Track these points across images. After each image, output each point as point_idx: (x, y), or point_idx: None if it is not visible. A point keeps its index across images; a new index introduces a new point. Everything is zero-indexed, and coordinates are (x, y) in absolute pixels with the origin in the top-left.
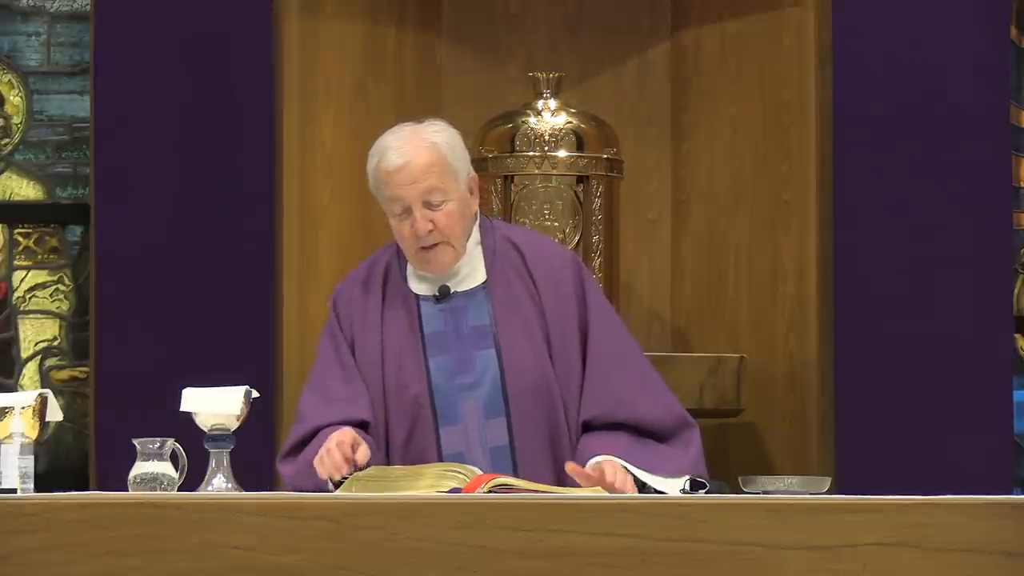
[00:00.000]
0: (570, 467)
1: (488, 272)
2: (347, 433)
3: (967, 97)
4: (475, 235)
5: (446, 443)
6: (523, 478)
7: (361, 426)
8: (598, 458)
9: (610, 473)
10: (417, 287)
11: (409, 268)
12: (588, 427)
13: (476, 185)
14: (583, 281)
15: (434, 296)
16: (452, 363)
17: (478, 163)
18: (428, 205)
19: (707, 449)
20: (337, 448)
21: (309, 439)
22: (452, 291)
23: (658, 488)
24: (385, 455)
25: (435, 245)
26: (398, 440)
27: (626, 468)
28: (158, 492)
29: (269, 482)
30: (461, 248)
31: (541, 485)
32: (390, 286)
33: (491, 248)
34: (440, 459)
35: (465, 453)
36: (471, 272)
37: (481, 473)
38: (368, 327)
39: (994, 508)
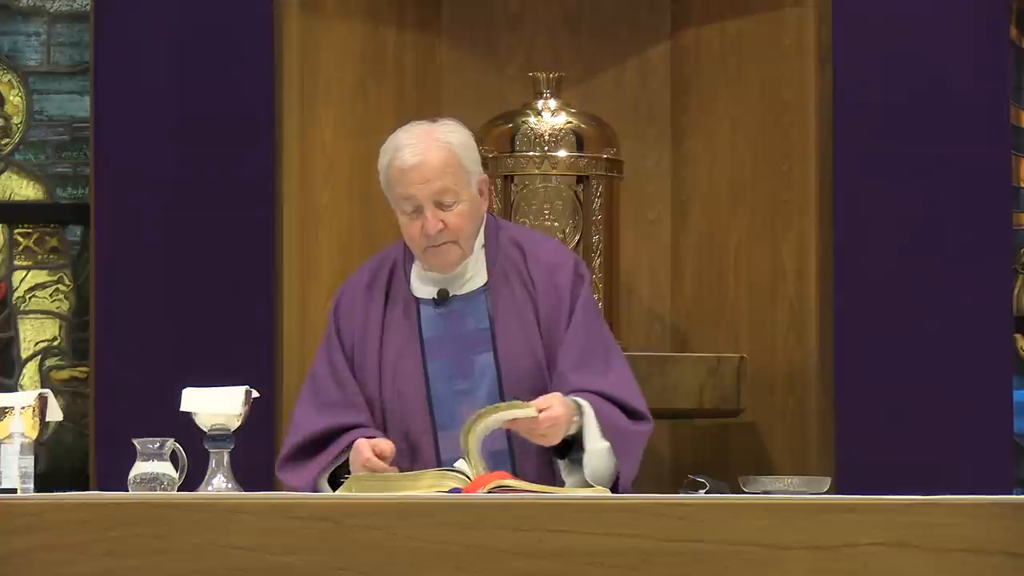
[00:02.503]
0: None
1: (490, 275)
2: (363, 445)
3: (967, 97)
4: (480, 236)
5: (444, 448)
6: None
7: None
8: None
9: (544, 401)
10: (418, 290)
11: (413, 270)
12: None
13: (487, 186)
14: (579, 283)
15: (433, 300)
16: (450, 367)
17: None
18: (440, 205)
19: (707, 449)
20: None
21: (307, 447)
22: (451, 295)
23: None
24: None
25: (443, 244)
26: (398, 446)
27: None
28: (158, 492)
29: (269, 482)
30: (468, 249)
31: (541, 487)
32: (393, 287)
33: (495, 250)
34: (438, 464)
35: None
36: (473, 275)
37: (481, 474)
38: (369, 331)
39: (994, 508)
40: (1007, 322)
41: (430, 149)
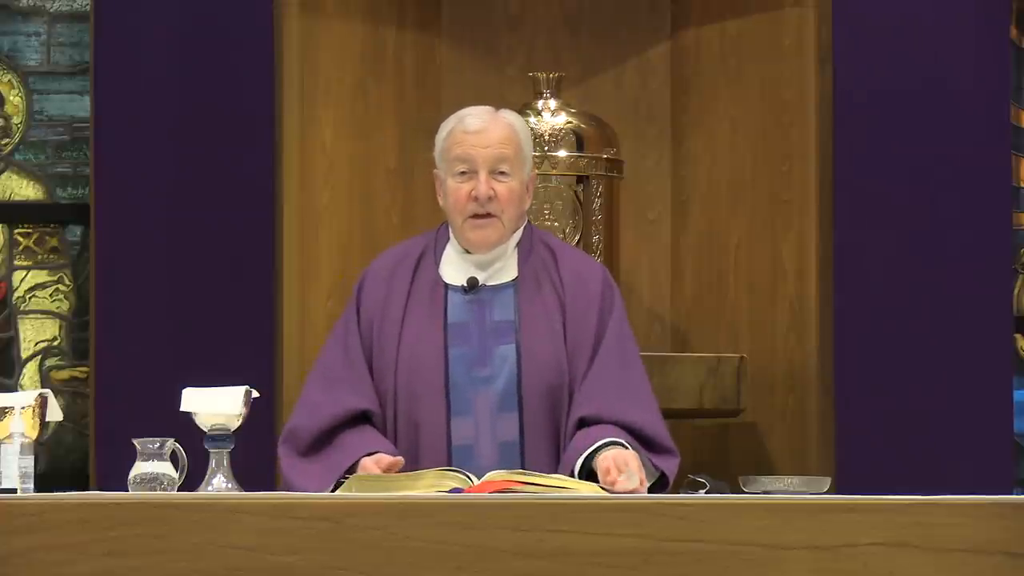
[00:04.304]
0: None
1: (520, 270)
2: (369, 465)
3: (967, 97)
4: (517, 234)
5: (456, 434)
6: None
7: (363, 417)
8: (606, 445)
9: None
10: (448, 276)
11: (444, 255)
12: (583, 423)
13: (532, 184)
14: (609, 295)
15: (462, 287)
16: (471, 355)
17: None
18: (494, 173)
19: (707, 449)
20: None
21: (317, 436)
22: (481, 284)
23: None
24: (393, 443)
25: (488, 216)
26: (407, 429)
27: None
28: (158, 492)
29: (269, 482)
30: (508, 233)
31: (545, 477)
32: (421, 270)
33: (527, 248)
34: (449, 450)
35: (474, 446)
36: (503, 268)
37: (484, 480)
38: (390, 311)
39: (994, 508)
40: (1007, 322)
41: (496, 122)
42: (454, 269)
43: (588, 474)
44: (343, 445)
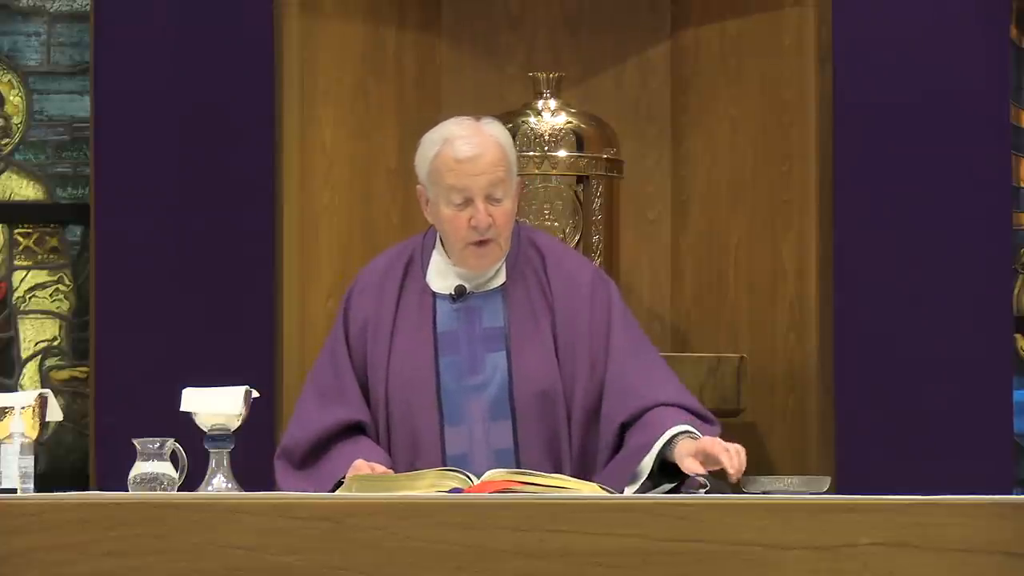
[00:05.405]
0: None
1: (508, 275)
2: (363, 466)
3: (967, 97)
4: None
5: (450, 443)
6: None
7: (356, 427)
8: (675, 431)
9: (709, 444)
10: (436, 284)
11: (431, 264)
12: (625, 427)
13: (520, 190)
14: (602, 291)
15: (450, 295)
16: (462, 363)
17: None
18: (490, 199)
19: None
20: None
21: (310, 449)
22: (469, 292)
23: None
24: (387, 453)
25: (488, 242)
26: (401, 439)
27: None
28: (158, 492)
29: (269, 482)
30: (504, 251)
31: (545, 477)
32: (409, 279)
33: (514, 252)
34: (443, 459)
35: (469, 454)
36: (493, 275)
37: (484, 479)
38: (381, 320)
39: (994, 508)
40: (1007, 322)
41: (485, 143)
42: (441, 277)
43: (662, 463)
44: (336, 456)
